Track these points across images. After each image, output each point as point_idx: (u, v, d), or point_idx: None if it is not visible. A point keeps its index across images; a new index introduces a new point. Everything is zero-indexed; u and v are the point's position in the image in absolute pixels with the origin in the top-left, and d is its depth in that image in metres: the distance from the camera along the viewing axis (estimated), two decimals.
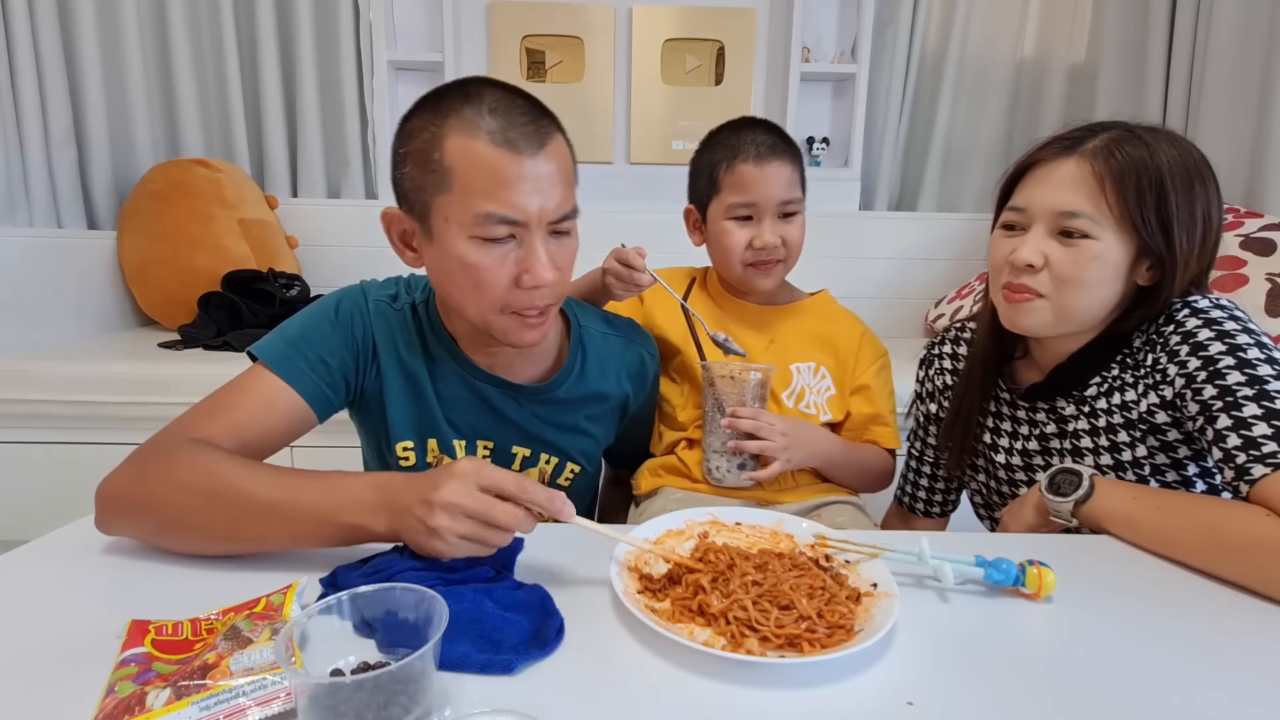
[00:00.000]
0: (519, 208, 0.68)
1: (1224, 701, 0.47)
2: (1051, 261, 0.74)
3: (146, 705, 0.42)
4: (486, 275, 0.70)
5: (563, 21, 2.09)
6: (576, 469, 0.92)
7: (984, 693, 0.47)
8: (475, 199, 0.67)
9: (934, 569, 0.60)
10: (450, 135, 0.68)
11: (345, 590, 0.47)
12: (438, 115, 0.69)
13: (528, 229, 0.69)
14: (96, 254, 1.85)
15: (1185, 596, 0.61)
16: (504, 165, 0.67)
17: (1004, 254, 0.78)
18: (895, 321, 2.14)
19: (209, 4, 1.99)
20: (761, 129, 0.98)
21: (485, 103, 0.68)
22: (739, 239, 0.97)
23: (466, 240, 0.69)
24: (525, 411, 0.86)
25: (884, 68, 2.12)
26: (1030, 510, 0.77)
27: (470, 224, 0.68)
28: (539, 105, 0.72)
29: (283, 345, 0.76)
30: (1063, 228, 0.74)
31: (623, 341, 0.94)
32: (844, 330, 1.05)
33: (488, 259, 0.69)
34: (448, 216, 0.69)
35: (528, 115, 0.70)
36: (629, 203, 2.14)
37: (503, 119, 0.68)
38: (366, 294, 0.82)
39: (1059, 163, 0.75)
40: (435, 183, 0.69)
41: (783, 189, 0.95)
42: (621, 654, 0.51)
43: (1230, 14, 1.72)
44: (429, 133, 0.69)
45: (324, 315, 0.79)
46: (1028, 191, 0.78)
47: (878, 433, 1.02)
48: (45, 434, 1.47)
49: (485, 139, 0.67)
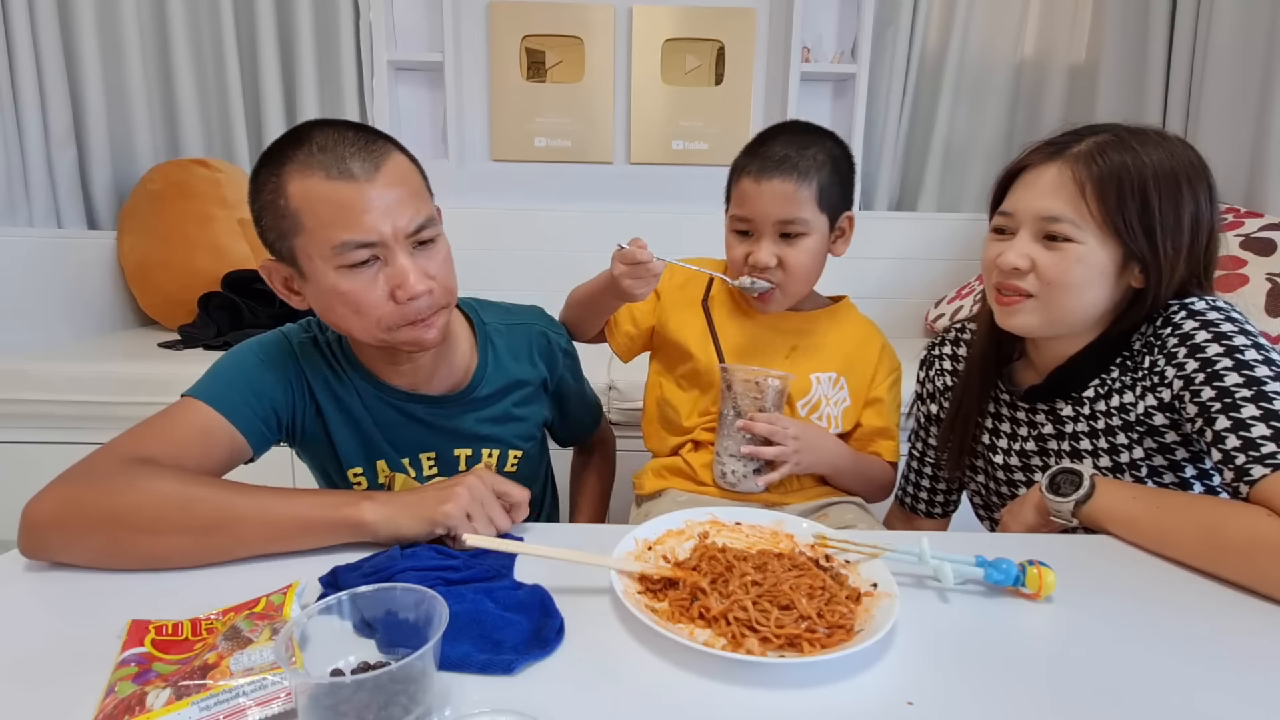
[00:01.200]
0: (370, 229, 0.70)
1: (1224, 701, 0.47)
2: (1038, 265, 0.76)
3: (146, 705, 0.42)
4: (362, 299, 0.72)
5: (563, 21, 2.09)
6: (519, 454, 0.95)
7: (984, 693, 0.47)
8: (327, 231, 0.70)
9: (934, 569, 0.60)
10: (289, 180, 0.70)
11: (345, 590, 0.47)
12: (275, 165, 0.71)
13: (387, 247, 0.72)
14: (96, 254, 1.85)
15: (1185, 596, 0.61)
16: (343, 194, 0.69)
17: (993, 257, 0.80)
18: (895, 321, 2.14)
19: (209, 4, 1.98)
20: (784, 140, 0.91)
21: (314, 142, 0.71)
22: (737, 253, 0.94)
23: (334, 271, 0.71)
24: (454, 418, 0.90)
25: (884, 68, 2.11)
26: (1030, 510, 0.77)
27: (331, 256, 0.70)
28: (369, 130, 0.74)
29: (216, 383, 0.77)
30: (1047, 231, 0.75)
31: (524, 327, 0.96)
32: (865, 342, 1.02)
33: (358, 284, 0.72)
34: (310, 254, 0.72)
35: (357, 144, 0.72)
36: (629, 203, 2.15)
37: (331, 153, 0.70)
38: (290, 337, 0.84)
39: (1044, 168, 0.76)
40: (290, 228, 0.71)
41: (779, 208, 0.89)
42: (621, 654, 0.51)
43: (1230, 14, 1.72)
44: (271, 184, 0.71)
45: (253, 356, 0.81)
46: (1015, 196, 0.79)
47: (882, 446, 1.02)
48: (45, 434, 1.47)
49: (320, 175, 0.69)
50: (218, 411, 0.75)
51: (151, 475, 0.64)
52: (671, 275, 1.02)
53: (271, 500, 0.64)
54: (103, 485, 0.64)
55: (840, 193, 0.93)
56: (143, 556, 0.62)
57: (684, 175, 2.17)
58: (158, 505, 0.62)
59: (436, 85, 2.11)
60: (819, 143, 0.91)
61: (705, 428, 0.99)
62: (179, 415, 0.74)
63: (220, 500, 0.63)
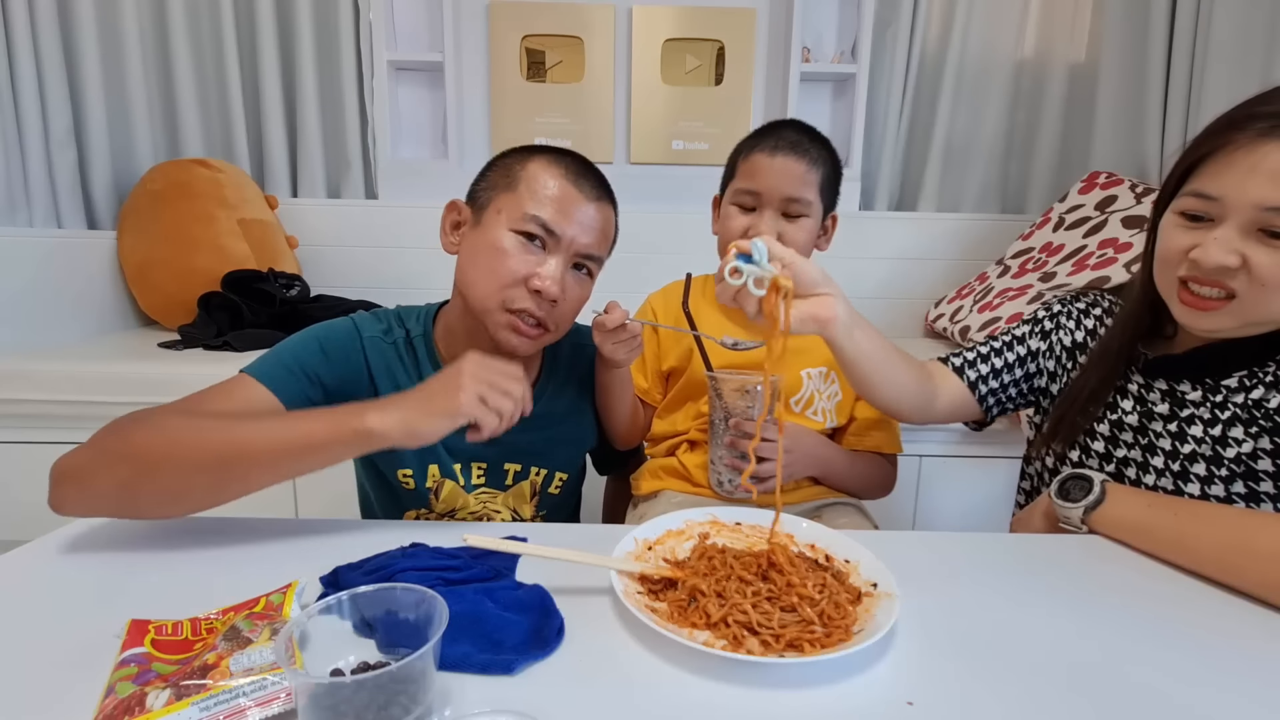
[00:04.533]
0: (559, 224, 0.80)
1: (1225, 702, 0.47)
2: (1251, 263, 0.64)
3: (146, 706, 0.42)
4: (507, 261, 0.79)
5: (563, 21, 2.09)
6: (565, 476, 0.96)
7: (984, 693, 0.47)
8: (530, 203, 0.80)
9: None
10: (534, 161, 0.83)
11: (345, 590, 0.47)
12: (531, 152, 0.84)
13: (557, 244, 0.81)
14: (96, 254, 1.85)
15: (1186, 596, 0.61)
16: (564, 193, 0.81)
17: (1182, 247, 0.68)
18: (895, 321, 2.14)
19: (209, 4, 1.98)
20: (795, 128, 0.96)
21: (568, 158, 0.84)
22: (736, 225, 0.95)
23: (507, 231, 0.80)
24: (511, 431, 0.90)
25: (884, 68, 2.11)
26: (1039, 517, 0.75)
27: (517, 219, 0.80)
28: (608, 183, 0.88)
29: (276, 365, 0.79)
30: (1269, 226, 0.63)
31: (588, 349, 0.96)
32: None
33: (514, 249, 0.80)
34: (501, 209, 0.81)
35: (597, 180, 0.85)
36: (629, 203, 2.10)
37: (577, 172, 0.83)
38: (360, 330, 0.86)
39: (1267, 146, 0.63)
40: (506, 184, 0.82)
41: (790, 184, 0.92)
42: (621, 654, 0.51)
43: (1230, 14, 1.72)
44: (517, 159, 0.84)
45: (316, 342, 0.83)
46: (1224, 179, 0.65)
47: (879, 439, 1.01)
48: (45, 434, 1.47)
49: (560, 173, 0.82)
50: (270, 391, 0.76)
51: (166, 415, 0.66)
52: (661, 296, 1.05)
53: (279, 424, 0.66)
54: (123, 432, 0.65)
55: (832, 192, 0.98)
56: (158, 496, 0.63)
57: (684, 175, 2.17)
58: (169, 440, 0.63)
59: (436, 85, 2.11)
60: (822, 141, 0.98)
61: (700, 427, 0.99)
62: (228, 391, 0.76)
63: (229, 431, 0.64)
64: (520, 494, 0.93)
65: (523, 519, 0.94)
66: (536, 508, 0.96)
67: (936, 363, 0.93)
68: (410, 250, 2.09)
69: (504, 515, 0.93)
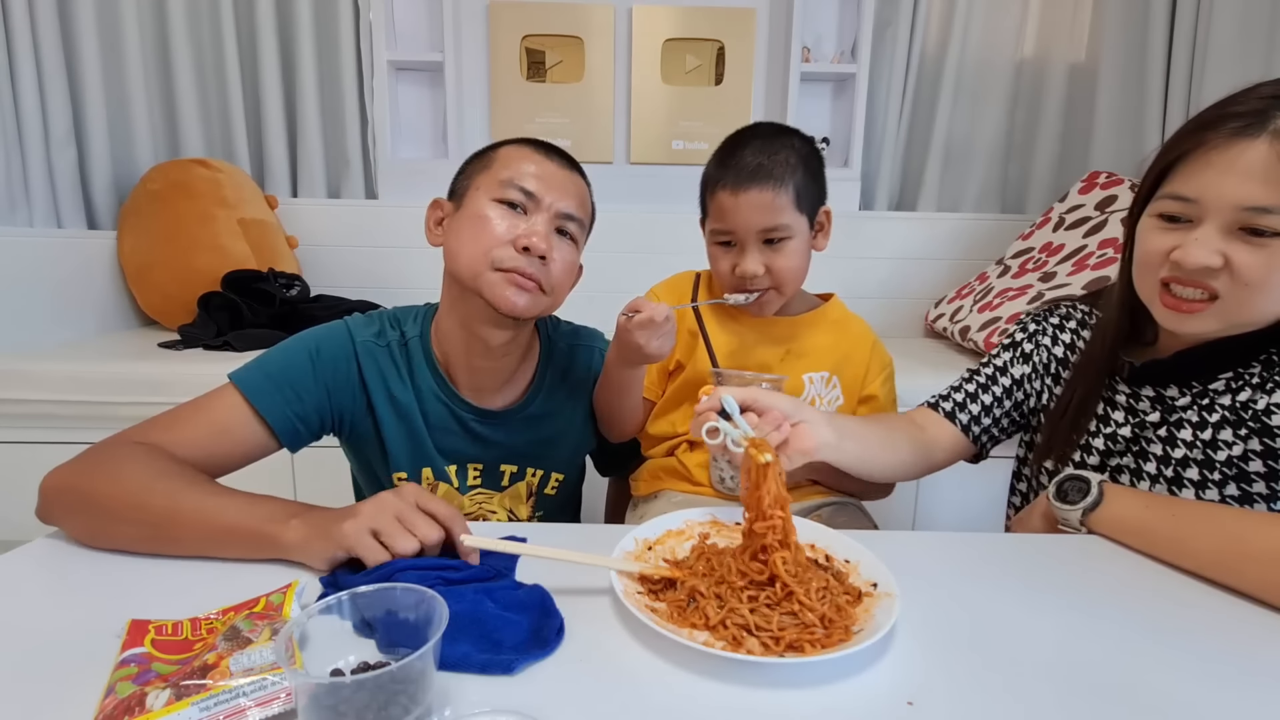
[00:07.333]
0: (537, 187, 0.83)
1: (1225, 702, 0.47)
2: (1233, 264, 0.63)
3: (146, 706, 0.42)
4: (492, 227, 0.81)
5: (563, 21, 2.09)
6: (561, 478, 0.96)
7: (984, 692, 0.47)
8: (505, 172, 0.83)
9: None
10: (505, 146, 0.87)
11: (345, 590, 0.47)
12: (500, 143, 0.88)
13: (537, 206, 0.83)
14: (96, 254, 1.85)
15: (1185, 597, 0.61)
16: (536, 160, 0.85)
17: (1162, 249, 0.67)
18: (895, 321, 2.14)
19: (209, 4, 1.98)
20: (754, 148, 0.89)
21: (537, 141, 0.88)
22: (723, 265, 0.93)
23: (487, 201, 0.82)
24: (506, 433, 0.92)
25: (884, 68, 2.11)
26: (1038, 518, 0.75)
27: (495, 188, 0.83)
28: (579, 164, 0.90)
29: (261, 376, 0.80)
30: (1249, 225, 0.62)
31: (587, 350, 0.98)
32: (857, 340, 1.02)
33: (497, 216, 0.82)
34: (479, 186, 0.84)
35: (567, 157, 0.88)
36: (629, 203, 2.14)
37: (547, 149, 0.87)
38: (353, 335, 0.86)
39: (1241, 144, 0.62)
40: (480, 168, 0.86)
41: (761, 217, 0.88)
42: (621, 654, 0.51)
43: (1230, 14, 1.72)
44: (490, 149, 0.88)
45: (305, 353, 0.83)
46: (1202, 179, 0.65)
47: None
48: (45, 434, 1.47)
49: (530, 150, 0.86)
50: (251, 403, 0.77)
51: (134, 463, 0.67)
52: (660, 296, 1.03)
53: (215, 502, 0.63)
54: (97, 469, 0.66)
55: (815, 190, 0.92)
56: (113, 541, 0.63)
57: (684, 175, 2.15)
58: (122, 494, 0.63)
59: (436, 85, 2.11)
60: (787, 144, 0.90)
61: None
62: (208, 407, 0.77)
63: (171, 496, 0.63)
64: (516, 495, 0.93)
65: (519, 520, 0.94)
66: (533, 509, 0.96)
67: (925, 410, 0.93)
68: (410, 250, 2.08)
69: (500, 516, 0.93)
